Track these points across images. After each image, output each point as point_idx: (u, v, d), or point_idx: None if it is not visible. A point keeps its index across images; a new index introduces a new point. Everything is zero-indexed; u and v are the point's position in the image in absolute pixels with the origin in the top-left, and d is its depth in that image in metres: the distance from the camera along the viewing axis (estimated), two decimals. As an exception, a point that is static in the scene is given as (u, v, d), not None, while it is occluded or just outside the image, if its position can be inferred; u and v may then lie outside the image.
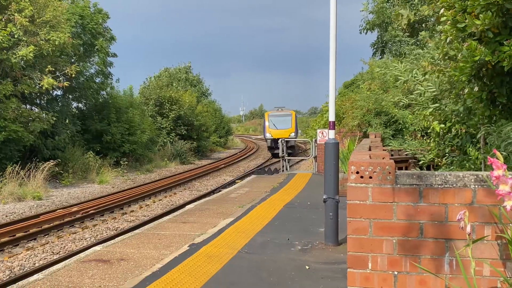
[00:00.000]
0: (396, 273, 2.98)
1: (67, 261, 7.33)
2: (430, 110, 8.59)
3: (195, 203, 12.95)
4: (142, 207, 17.46)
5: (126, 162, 29.05)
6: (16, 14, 21.74)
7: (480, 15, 4.80)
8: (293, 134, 40.60)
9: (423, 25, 25.71)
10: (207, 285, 5.81)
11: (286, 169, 22.99)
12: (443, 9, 5.77)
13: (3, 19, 21.38)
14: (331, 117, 8.10)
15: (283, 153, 23.08)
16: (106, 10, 30.58)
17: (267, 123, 43.58)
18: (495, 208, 2.83)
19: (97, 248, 8.03)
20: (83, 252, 8.33)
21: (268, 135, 42.14)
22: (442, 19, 5.80)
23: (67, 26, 24.62)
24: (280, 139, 24.52)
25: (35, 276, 6.48)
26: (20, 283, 6.29)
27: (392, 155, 14.65)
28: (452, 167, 8.12)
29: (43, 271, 6.92)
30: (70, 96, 28.44)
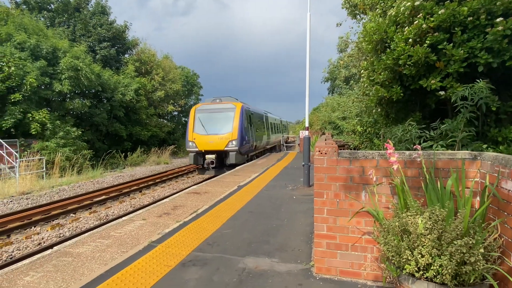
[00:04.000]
0: (338, 200, 2.94)
1: (180, 193, 7.47)
2: (356, 120, 8.42)
3: (241, 166, 12.96)
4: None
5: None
6: (155, 76, 22.15)
7: (382, 73, 4.65)
8: (234, 142, 11.57)
9: (353, 78, 25.15)
10: (247, 203, 5.85)
11: (285, 150, 22.80)
12: (362, 69, 5.62)
13: (150, 78, 21.82)
14: (306, 124, 8.03)
15: (284, 146, 22.64)
16: (197, 73, 30.85)
17: (191, 123, 11.86)
18: (388, 168, 2.77)
19: (194, 187, 8.16)
20: (187, 189, 8.48)
21: (190, 145, 11.71)
22: (362, 74, 5.64)
23: (180, 81, 24.95)
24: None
25: (165, 200, 6.64)
26: (160, 202, 6.44)
27: (336, 143, 14.36)
28: (366, 149, 7.93)
29: (169, 197, 7.07)
30: (181, 114, 28.80)
